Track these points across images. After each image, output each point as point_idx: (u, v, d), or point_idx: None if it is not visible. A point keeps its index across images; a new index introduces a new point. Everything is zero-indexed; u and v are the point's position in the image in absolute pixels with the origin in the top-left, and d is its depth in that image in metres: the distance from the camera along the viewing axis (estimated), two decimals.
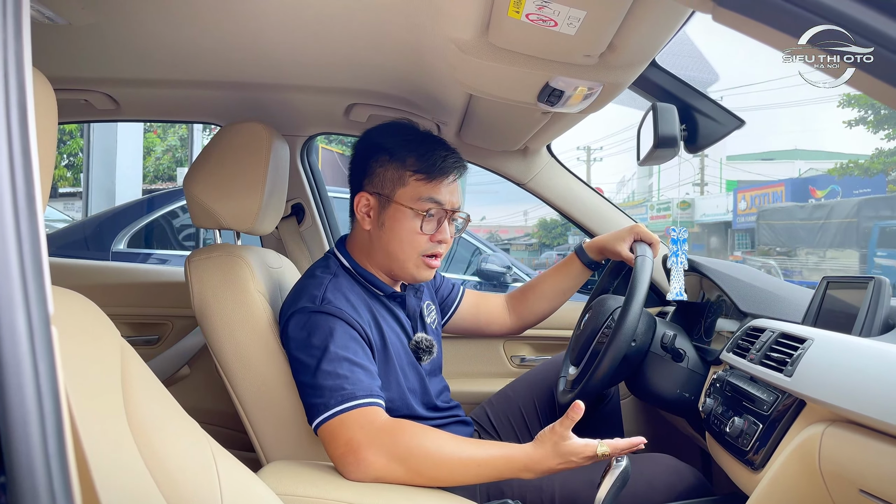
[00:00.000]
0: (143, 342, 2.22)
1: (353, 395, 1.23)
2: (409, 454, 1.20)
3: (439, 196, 1.40)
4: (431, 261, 1.43)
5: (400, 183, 1.39)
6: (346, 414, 1.21)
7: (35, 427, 0.44)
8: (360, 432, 1.20)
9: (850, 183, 23.34)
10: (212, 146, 1.53)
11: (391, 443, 1.20)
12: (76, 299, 0.85)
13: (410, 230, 1.39)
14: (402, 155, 1.40)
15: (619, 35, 1.02)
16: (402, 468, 1.20)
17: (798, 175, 29.04)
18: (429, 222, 1.40)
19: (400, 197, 1.39)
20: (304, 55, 1.54)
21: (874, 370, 0.94)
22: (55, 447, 0.45)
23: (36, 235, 0.46)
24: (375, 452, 1.19)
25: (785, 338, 1.20)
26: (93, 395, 0.81)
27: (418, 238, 1.40)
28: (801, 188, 25.98)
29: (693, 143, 1.44)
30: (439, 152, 1.40)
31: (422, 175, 1.39)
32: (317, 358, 1.26)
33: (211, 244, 1.55)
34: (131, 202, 4.57)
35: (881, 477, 0.88)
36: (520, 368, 2.25)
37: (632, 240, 1.65)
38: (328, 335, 1.28)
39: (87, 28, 1.39)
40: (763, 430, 1.17)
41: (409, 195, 1.39)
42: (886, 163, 21.66)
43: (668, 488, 1.38)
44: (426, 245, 1.41)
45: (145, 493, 0.83)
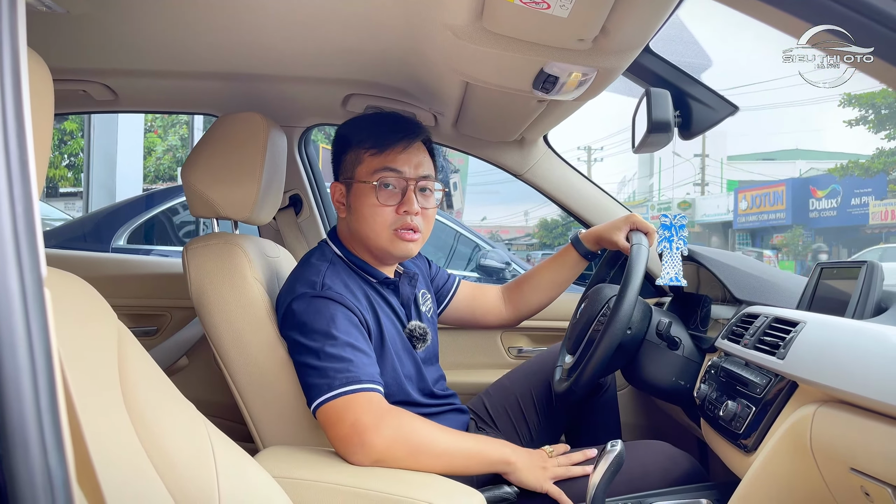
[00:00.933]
0: (141, 333, 2.23)
1: (357, 378, 1.24)
2: (410, 439, 1.24)
3: (395, 164, 1.40)
4: (405, 233, 1.40)
5: (357, 162, 1.42)
6: (350, 396, 1.23)
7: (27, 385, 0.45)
8: (366, 415, 1.22)
9: (851, 183, 23.34)
10: (209, 135, 1.54)
11: (396, 426, 1.23)
12: (73, 281, 0.86)
13: (371, 204, 1.39)
14: (360, 138, 1.43)
15: (612, 19, 1.03)
16: (403, 452, 1.23)
17: (799, 175, 29.05)
18: (387, 193, 1.39)
19: (358, 175, 1.41)
20: (301, 45, 1.55)
21: (865, 350, 0.94)
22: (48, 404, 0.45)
23: (29, 197, 0.47)
24: (379, 436, 1.21)
25: (778, 322, 1.21)
26: (89, 376, 0.81)
27: (381, 211, 1.39)
28: (802, 188, 25.98)
29: (687, 129, 1.44)
30: (391, 126, 1.43)
31: (374, 149, 1.41)
32: (320, 342, 1.27)
33: (209, 233, 1.55)
34: (131, 198, 4.57)
35: (871, 455, 0.89)
36: (517, 359, 2.25)
37: (628, 229, 1.65)
38: (330, 320, 1.29)
39: (85, 17, 1.40)
40: (756, 413, 1.17)
41: (365, 171, 1.41)
42: (887, 162, 21.66)
43: (662, 473, 1.39)
44: (393, 218, 1.39)
45: (141, 472, 0.83)
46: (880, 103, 20.68)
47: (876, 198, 22.82)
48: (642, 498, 1.33)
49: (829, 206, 24.84)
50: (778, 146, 52.79)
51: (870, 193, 23.02)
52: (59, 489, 0.45)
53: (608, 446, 1.22)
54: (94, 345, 0.84)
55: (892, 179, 22.29)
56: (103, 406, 0.82)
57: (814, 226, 25.43)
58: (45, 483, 0.44)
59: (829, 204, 24.78)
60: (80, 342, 0.82)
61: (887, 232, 22.34)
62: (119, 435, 0.82)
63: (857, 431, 0.91)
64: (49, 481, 0.44)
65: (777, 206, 26.56)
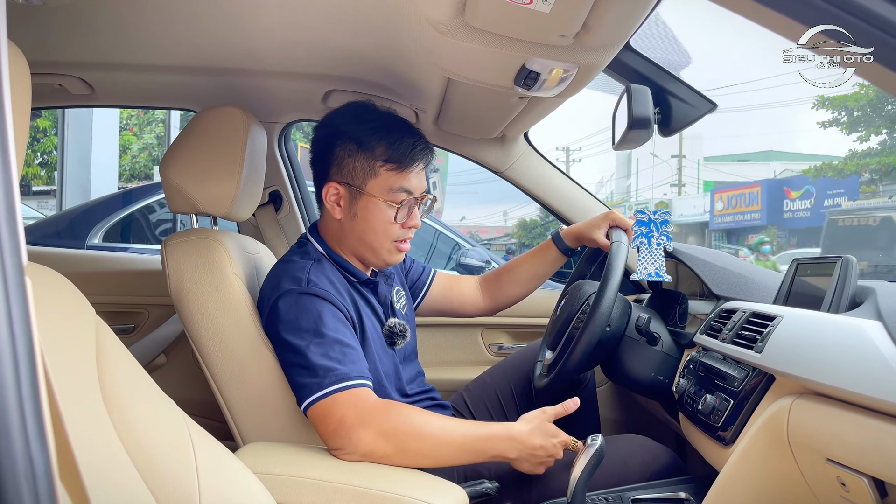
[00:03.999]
0: (118, 331, 2.18)
1: (347, 375, 1.24)
2: (397, 431, 1.23)
3: (410, 185, 1.40)
4: (402, 245, 1.45)
5: (371, 174, 1.39)
6: (339, 394, 1.22)
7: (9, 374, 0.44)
8: (352, 411, 1.21)
9: (825, 184, 23.69)
10: (189, 130, 1.53)
11: (381, 420, 1.22)
12: (49, 274, 0.85)
13: (385, 221, 1.40)
14: (371, 144, 1.38)
15: (594, 15, 1.03)
16: (390, 445, 1.22)
17: (773, 176, 29.41)
18: (401, 211, 1.40)
19: (371, 188, 1.39)
20: (281, 40, 1.54)
21: (840, 343, 0.96)
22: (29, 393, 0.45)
23: (9, 182, 0.46)
24: (366, 430, 1.21)
25: (756, 317, 1.23)
26: (66, 370, 0.80)
27: (392, 227, 1.41)
28: (776, 189, 26.33)
29: (667, 126, 1.46)
30: (408, 140, 1.39)
31: (393, 165, 1.38)
32: (307, 340, 1.27)
33: (188, 228, 1.54)
34: (107, 196, 4.50)
35: (847, 445, 0.91)
36: (498, 356, 2.26)
37: (607, 226, 1.66)
38: (318, 317, 1.28)
39: (62, 9, 1.38)
40: (734, 406, 1.19)
41: (381, 186, 1.39)
42: (859, 164, 22.02)
43: (642, 467, 1.40)
44: (399, 233, 1.43)
45: (120, 468, 0.82)
46: (853, 105, 21.03)
47: (849, 199, 23.17)
48: (622, 492, 1.34)
49: (802, 207, 25.18)
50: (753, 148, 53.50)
51: (842, 194, 23.38)
52: (42, 480, 0.44)
53: (589, 440, 1.23)
54: (73, 339, 0.83)
55: (864, 181, 22.66)
56: (82, 401, 0.81)
57: (788, 226, 25.78)
58: (27, 473, 0.43)
59: (803, 205, 25.13)
60: (58, 336, 0.81)
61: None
62: (99, 430, 0.81)
63: (833, 423, 0.93)
64: (32, 472, 0.44)
65: (752, 207, 26.88)
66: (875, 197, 22.17)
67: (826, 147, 55.41)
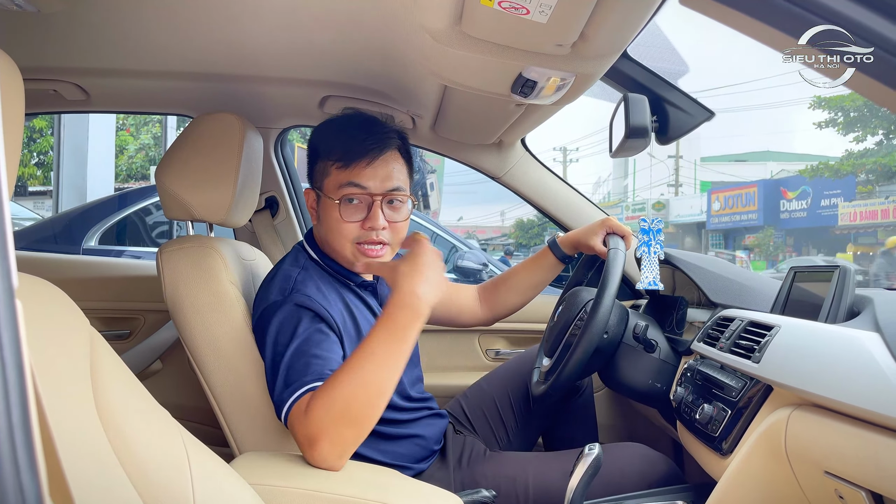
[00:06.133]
0: (114, 337, 2.19)
1: (302, 384, 1.19)
2: (332, 422, 1.13)
3: (360, 180, 1.36)
4: (369, 249, 1.37)
5: (325, 174, 1.40)
6: (291, 411, 1.18)
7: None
8: (299, 419, 1.15)
9: (821, 184, 23.77)
10: (184, 136, 1.52)
11: (311, 426, 1.13)
12: (43, 286, 0.84)
13: (336, 219, 1.37)
14: (328, 147, 1.40)
15: (591, 24, 1.03)
16: (340, 437, 1.13)
17: (770, 176, 29.48)
18: (351, 209, 1.36)
19: (326, 188, 1.39)
20: (277, 46, 1.54)
21: (838, 355, 0.96)
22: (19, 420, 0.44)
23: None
24: (314, 444, 1.13)
25: (753, 326, 1.22)
26: (60, 384, 0.79)
27: (345, 226, 1.36)
28: (773, 189, 26.40)
29: (664, 134, 1.46)
30: (360, 136, 1.37)
31: (340, 163, 1.37)
32: (281, 354, 1.25)
33: (183, 235, 1.53)
34: (103, 198, 4.50)
35: (845, 458, 0.90)
36: (495, 361, 2.26)
37: (604, 233, 1.66)
38: (293, 330, 1.26)
39: (57, 16, 1.37)
40: (731, 416, 1.19)
41: (332, 184, 1.38)
42: (855, 164, 22.08)
43: (639, 476, 1.40)
44: (358, 232, 1.37)
45: (115, 482, 0.82)
46: (849, 106, 21.09)
47: (845, 199, 23.27)
48: (619, 500, 1.34)
49: (799, 208, 25.27)
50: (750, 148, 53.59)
51: (839, 195, 23.47)
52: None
53: (586, 450, 1.23)
54: (67, 353, 0.82)
55: (860, 181, 22.73)
56: (76, 416, 0.80)
57: (784, 227, 25.86)
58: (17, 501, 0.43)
59: (800, 205, 25.21)
60: (51, 351, 0.80)
61: (855, 233, 22.78)
62: (92, 445, 0.81)
63: (831, 435, 0.92)
64: (22, 499, 0.43)
65: (749, 207, 26.95)
66: (871, 197, 22.25)
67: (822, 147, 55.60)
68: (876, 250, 21.42)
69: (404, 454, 1.45)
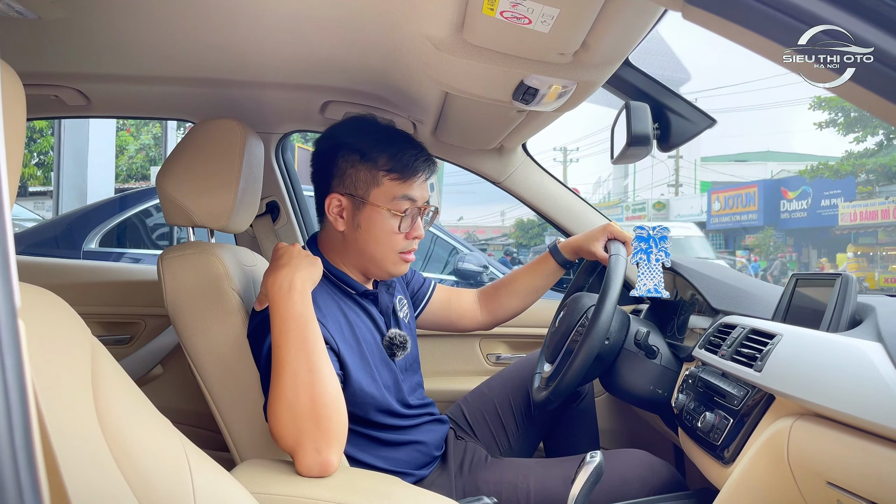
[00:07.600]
0: (115, 341, 2.19)
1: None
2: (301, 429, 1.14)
3: (413, 194, 1.40)
4: (408, 256, 1.45)
5: (374, 183, 1.39)
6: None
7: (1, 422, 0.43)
8: (278, 437, 1.17)
9: (821, 184, 23.76)
10: (185, 142, 1.52)
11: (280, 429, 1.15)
12: (44, 296, 0.84)
13: (388, 230, 1.39)
14: (374, 155, 1.38)
15: (593, 34, 1.03)
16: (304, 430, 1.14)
17: (770, 176, 29.47)
18: (405, 221, 1.40)
19: (374, 198, 1.38)
20: (279, 52, 1.54)
21: (841, 365, 0.96)
22: (22, 443, 0.44)
23: (2, 224, 0.45)
24: (289, 448, 1.16)
25: (755, 334, 1.22)
26: (62, 394, 0.79)
27: (396, 237, 1.40)
28: (773, 189, 26.38)
29: (665, 141, 1.46)
30: (410, 151, 1.40)
31: (395, 174, 1.38)
32: (265, 362, 1.26)
33: (184, 242, 1.53)
34: (103, 200, 4.50)
35: (848, 469, 0.90)
36: (495, 366, 2.25)
37: (605, 239, 1.66)
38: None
39: (57, 23, 1.37)
40: (733, 425, 1.18)
41: (384, 195, 1.38)
42: (856, 165, 22.07)
43: (641, 483, 1.40)
44: (403, 243, 1.42)
45: (116, 492, 0.82)
46: (849, 106, 21.08)
47: (845, 199, 23.26)
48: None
49: (799, 208, 25.26)
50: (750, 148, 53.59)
51: (839, 195, 23.45)
52: None
53: (587, 457, 1.22)
54: (68, 363, 0.82)
55: (860, 181, 22.72)
56: (77, 426, 0.80)
57: (785, 227, 25.84)
58: None
59: (800, 205, 25.20)
60: (53, 361, 0.80)
61: (856, 233, 22.78)
62: (93, 454, 0.81)
63: (833, 446, 0.92)
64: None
65: (749, 207, 26.94)
66: (871, 197, 22.24)
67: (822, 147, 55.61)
68: (876, 250, 21.46)
69: (405, 461, 1.45)
